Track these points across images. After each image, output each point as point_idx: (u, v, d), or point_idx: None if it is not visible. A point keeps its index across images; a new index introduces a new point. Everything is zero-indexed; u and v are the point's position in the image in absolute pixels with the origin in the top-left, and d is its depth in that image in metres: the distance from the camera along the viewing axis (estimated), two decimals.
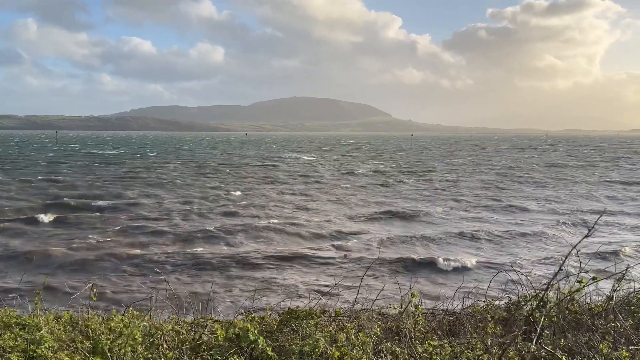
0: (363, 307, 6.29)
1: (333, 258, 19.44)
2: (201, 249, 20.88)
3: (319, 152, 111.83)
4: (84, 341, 5.19)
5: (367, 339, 4.98)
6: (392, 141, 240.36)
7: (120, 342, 5.03)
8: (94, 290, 6.49)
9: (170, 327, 6.06)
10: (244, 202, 33.74)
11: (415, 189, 42.10)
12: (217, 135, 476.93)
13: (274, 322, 5.76)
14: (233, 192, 39.30)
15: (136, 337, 5.01)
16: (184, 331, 5.92)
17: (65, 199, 34.97)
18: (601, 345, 4.74)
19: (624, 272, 7.06)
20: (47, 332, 5.02)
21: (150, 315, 6.67)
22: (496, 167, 67.87)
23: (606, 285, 7.44)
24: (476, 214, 29.92)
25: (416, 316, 6.02)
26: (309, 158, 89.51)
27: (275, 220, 26.47)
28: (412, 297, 5.53)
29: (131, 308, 6.37)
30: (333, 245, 21.41)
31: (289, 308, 5.90)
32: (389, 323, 5.95)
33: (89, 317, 5.91)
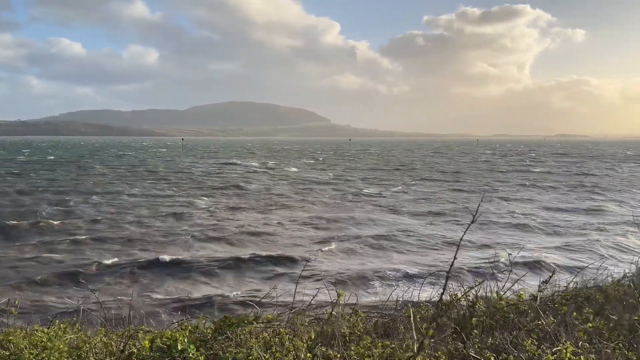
0: (299, 313, 6.31)
1: (271, 265, 19.39)
2: (137, 257, 20.32)
3: (276, 159, 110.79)
4: (6, 357, 4.96)
5: (302, 344, 5.00)
6: (331, 145, 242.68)
7: (44, 356, 4.83)
8: (17, 302, 6.21)
9: (99, 339, 5.87)
10: (190, 209, 33.14)
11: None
12: (150, 140, 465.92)
13: (209, 331, 5.69)
14: (178, 198, 38.59)
15: (61, 350, 4.83)
16: (113, 343, 5.74)
17: None
18: (525, 342, 4.94)
19: (551, 274, 7.43)
20: None
21: (78, 328, 6.43)
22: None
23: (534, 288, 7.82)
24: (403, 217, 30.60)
25: (351, 319, 6.10)
26: (271, 165, 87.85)
27: (229, 229, 26.11)
28: (338, 296, 5.60)
29: (57, 320, 6.13)
30: (271, 254, 21.34)
31: (224, 316, 5.84)
32: (324, 327, 5.98)
33: (10, 331, 5.64)
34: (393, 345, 5.03)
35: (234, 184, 49.64)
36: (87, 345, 5.44)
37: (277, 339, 5.21)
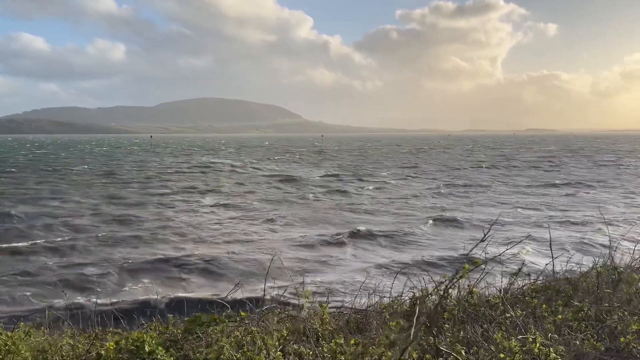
0: (270, 310, 6.29)
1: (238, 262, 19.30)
2: (108, 258, 19.99)
3: (252, 157, 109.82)
4: None
5: (273, 342, 4.99)
6: (303, 142, 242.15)
7: None
8: None
9: (65, 341, 5.77)
10: (166, 209, 32.70)
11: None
12: (118, 138, 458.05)
13: (179, 331, 5.63)
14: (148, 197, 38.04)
15: (24, 354, 4.72)
16: (80, 345, 5.65)
17: None
18: (495, 335, 5.02)
19: (520, 267, 7.56)
20: None
21: (44, 330, 6.30)
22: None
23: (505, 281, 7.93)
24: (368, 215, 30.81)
25: (323, 315, 6.11)
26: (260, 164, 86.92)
27: (204, 231, 25.79)
28: (306, 297, 5.60)
29: (22, 323, 5.99)
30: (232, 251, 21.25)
31: (195, 315, 5.78)
32: (296, 324, 5.98)
33: None
34: (365, 342, 5.05)
35: (207, 183, 49.27)
36: (53, 348, 5.34)
37: (249, 338, 5.18)
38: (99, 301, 14.40)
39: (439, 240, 23.15)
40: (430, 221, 27.11)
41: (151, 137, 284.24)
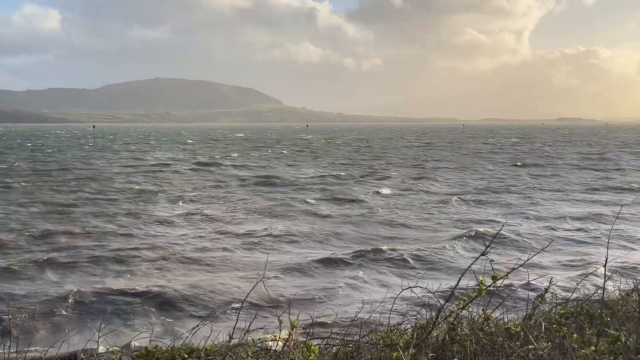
0: (241, 342, 6.31)
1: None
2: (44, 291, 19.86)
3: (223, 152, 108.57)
4: None
5: None
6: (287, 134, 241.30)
7: None
8: None
9: None
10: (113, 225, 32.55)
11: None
12: (51, 128, 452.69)
13: None
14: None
15: None
16: None
17: None
18: None
19: (547, 286, 7.57)
20: None
21: None
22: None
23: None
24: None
25: (307, 350, 6.14)
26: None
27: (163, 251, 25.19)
28: (293, 327, 5.65)
29: None
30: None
31: (146, 348, 5.78)
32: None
33: None
34: None
35: (165, 187, 49.06)
36: None
37: None
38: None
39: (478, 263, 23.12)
40: (464, 237, 26.63)
41: (94, 127, 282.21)
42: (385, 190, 44.81)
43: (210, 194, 43.72)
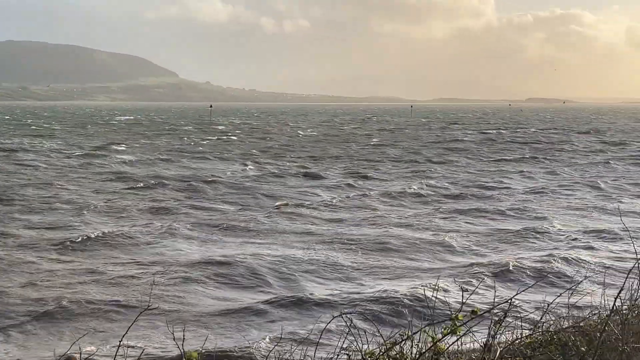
0: None
1: None
2: None
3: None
4: None
5: None
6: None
7: None
8: None
9: None
10: None
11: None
12: None
13: None
14: None
15: None
16: None
17: None
18: None
19: (506, 310, 6.37)
20: None
21: None
22: None
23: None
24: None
25: None
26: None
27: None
28: None
29: None
30: None
31: None
32: None
33: None
34: None
35: (20, 191, 33.54)
36: None
37: None
38: None
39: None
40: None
41: None
42: (328, 195, 34.55)
43: (93, 201, 31.66)
